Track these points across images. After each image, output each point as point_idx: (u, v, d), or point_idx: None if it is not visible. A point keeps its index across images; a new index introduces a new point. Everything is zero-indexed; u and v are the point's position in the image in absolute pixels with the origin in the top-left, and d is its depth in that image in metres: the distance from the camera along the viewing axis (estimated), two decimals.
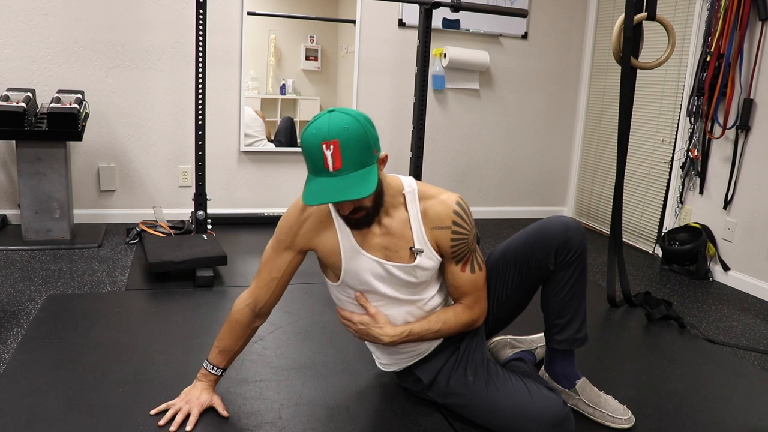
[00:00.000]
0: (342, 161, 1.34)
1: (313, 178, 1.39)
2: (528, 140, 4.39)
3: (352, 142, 1.34)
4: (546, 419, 1.56)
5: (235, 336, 1.65)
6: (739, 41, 3.04)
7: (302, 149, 1.39)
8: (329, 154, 1.33)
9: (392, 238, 1.56)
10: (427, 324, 1.63)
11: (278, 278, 1.62)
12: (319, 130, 1.34)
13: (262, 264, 1.64)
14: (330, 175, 1.36)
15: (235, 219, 3.71)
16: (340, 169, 1.35)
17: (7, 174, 3.41)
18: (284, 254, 1.61)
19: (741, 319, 2.72)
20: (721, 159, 3.26)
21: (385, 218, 1.55)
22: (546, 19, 4.23)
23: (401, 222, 1.56)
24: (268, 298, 1.63)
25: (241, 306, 1.64)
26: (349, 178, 1.35)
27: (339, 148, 1.33)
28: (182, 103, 3.58)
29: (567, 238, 1.62)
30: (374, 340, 1.61)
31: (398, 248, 1.56)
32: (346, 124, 1.35)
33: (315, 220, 1.58)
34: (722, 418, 1.83)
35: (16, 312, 2.27)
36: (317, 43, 3.85)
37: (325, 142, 1.33)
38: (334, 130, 1.33)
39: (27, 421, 1.56)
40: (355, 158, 1.35)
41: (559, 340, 1.71)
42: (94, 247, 3.12)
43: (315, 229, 1.58)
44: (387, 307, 1.62)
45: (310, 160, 1.37)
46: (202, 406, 1.62)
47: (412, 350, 1.70)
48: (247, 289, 1.66)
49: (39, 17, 3.29)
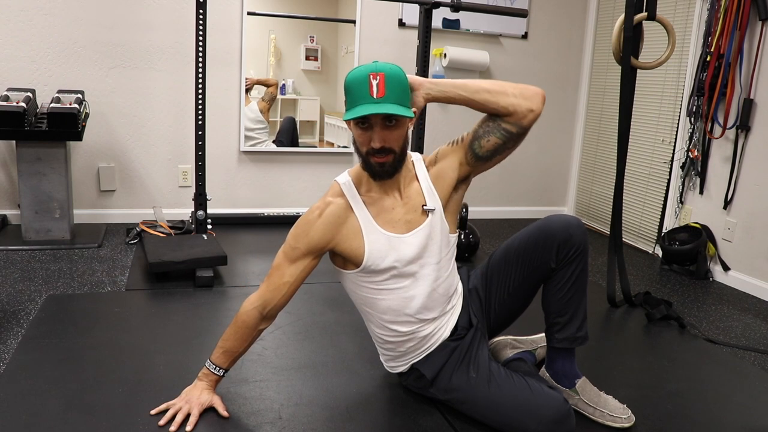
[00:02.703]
0: (386, 91, 1.45)
1: (354, 105, 1.47)
2: (528, 140, 4.30)
3: (396, 79, 1.47)
4: (547, 416, 1.56)
5: (240, 338, 1.65)
6: (739, 41, 3.04)
7: (347, 85, 1.49)
8: (375, 83, 1.45)
9: (409, 203, 1.61)
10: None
11: (290, 283, 1.62)
12: (367, 67, 1.48)
13: (273, 268, 1.63)
14: (373, 101, 1.45)
15: (235, 219, 3.71)
16: (384, 98, 1.45)
17: (7, 174, 3.41)
18: (300, 261, 1.61)
19: (741, 319, 2.71)
20: (721, 159, 3.26)
21: (403, 183, 1.62)
22: (546, 19, 4.23)
23: (416, 188, 1.63)
24: (277, 301, 1.63)
25: (249, 308, 1.63)
26: (390, 105, 1.45)
27: (384, 79, 1.45)
28: (182, 103, 3.58)
29: (569, 235, 1.64)
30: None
31: (415, 210, 1.61)
32: (392, 66, 1.49)
33: (331, 217, 1.59)
34: (722, 418, 1.83)
35: (16, 312, 2.27)
36: (317, 43, 3.85)
37: (372, 73, 1.45)
38: (381, 67, 1.47)
39: (27, 421, 1.56)
40: (397, 93, 1.47)
41: (560, 339, 1.72)
42: (94, 247, 3.12)
43: (334, 225, 1.59)
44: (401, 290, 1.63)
45: (356, 88, 1.47)
46: (202, 406, 1.62)
47: (418, 346, 1.70)
48: (256, 292, 1.65)
49: (39, 17, 3.29)
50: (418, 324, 1.67)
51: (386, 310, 1.66)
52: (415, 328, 1.67)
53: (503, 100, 1.54)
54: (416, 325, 1.67)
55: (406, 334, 1.68)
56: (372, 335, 1.79)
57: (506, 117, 1.56)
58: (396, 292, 1.64)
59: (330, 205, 1.60)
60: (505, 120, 1.56)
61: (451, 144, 1.66)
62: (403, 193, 1.61)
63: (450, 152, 1.65)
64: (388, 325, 1.68)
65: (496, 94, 1.54)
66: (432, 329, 1.69)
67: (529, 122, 1.56)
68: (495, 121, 1.58)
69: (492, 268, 1.78)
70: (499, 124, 1.57)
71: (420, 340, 1.69)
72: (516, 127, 1.56)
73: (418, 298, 1.64)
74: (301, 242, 1.60)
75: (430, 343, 1.70)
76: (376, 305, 1.68)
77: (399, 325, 1.67)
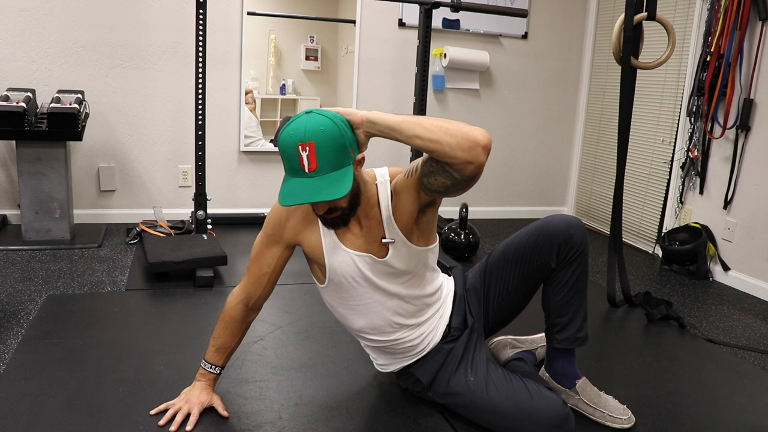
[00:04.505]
0: (318, 162, 1.34)
1: (289, 178, 1.39)
2: (528, 140, 4.38)
3: (327, 143, 1.34)
4: (546, 419, 1.56)
5: (231, 332, 1.66)
6: (739, 41, 3.04)
7: (279, 150, 1.39)
8: (305, 155, 1.34)
9: (370, 232, 1.56)
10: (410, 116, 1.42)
11: (268, 273, 1.64)
12: (296, 131, 1.34)
13: (251, 259, 1.65)
14: (306, 176, 1.36)
15: (235, 219, 3.71)
16: (316, 170, 1.35)
17: (7, 174, 3.41)
18: (273, 249, 1.62)
19: (741, 319, 2.71)
20: (721, 159, 3.26)
21: (363, 215, 1.55)
22: (546, 19, 4.23)
23: (375, 217, 1.55)
24: (260, 292, 1.65)
25: (234, 302, 1.66)
26: (324, 179, 1.35)
27: (315, 149, 1.33)
28: (182, 103, 3.58)
29: (569, 235, 1.64)
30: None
31: (375, 241, 1.56)
32: (323, 126, 1.34)
33: (301, 214, 1.59)
34: (722, 418, 1.83)
35: (16, 312, 2.27)
36: (317, 43, 3.85)
37: (301, 143, 1.34)
38: (310, 131, 1.33)
39: (27, 421, 1.56)
40: (331, 159, 1.35)
41: (560, 339, 1.72)
42: (94, 247, 3.12)
43: (301, 222, 1.59)
44: (373, 305, 1.62)
45: (287, 160, 1.37)
46: (202, 406, 1.62)
47: (409, 350, 1.70)
48: (239, 286, 1.67)
49: (39, 17, 3.29)
50: (392, 332, 1.66)
51: (360, 328, 1.68)
52: (395, 336, 1.67)
53: (438, 150, 1.33)
54: (396, 333, 1.67)
55: (385, 342, 1.68)
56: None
57: (445, 165, 1.37)
58: (367, 307, 1.63)
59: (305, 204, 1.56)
60: (447, 165, 1.37)
61: (407, 175, 1.51)
62: (362, 223, 1.56)
63: (406, 185, 1.51)
64: (366, 335, 1.69)
65: (428, 142, 1.33)
66: (418, 334, 1.68)
67: (470, 173, 1.34)
68: (438, 162, 1.38)
69: (491, 267, 1.77)
70: (443, 167, 1.38)
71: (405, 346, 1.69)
72: (459, 174, 1.36)
73: (387, 311, 1.64)
74: (271, 228, 1.62)
75: (421, 348, 1.70)
76: (348, 325, 1.70)
77: (377, 334, 1.67)
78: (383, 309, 1.63)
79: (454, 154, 1.31)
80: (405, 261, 1.58)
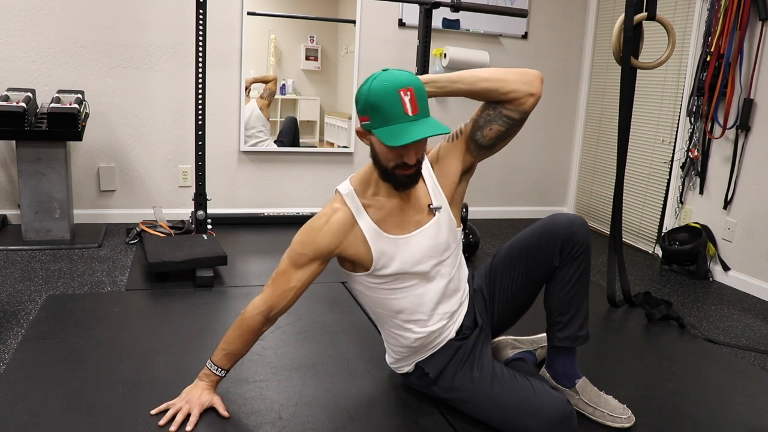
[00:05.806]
0: (418, 106, 1.42)
1: (390, 125, 1.42)
2: (528, 140, 4.38)
3: (422, 90, 1.44)
4: (550, 416, 1.56)
5: (245, 341, 1.64)
6: (739, 41, 3.04)
7: (373, 99, 1.42)
8: (407, 99, 1.41)
9: (417, 205, 1.60)
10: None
11: (296, 288, 1.61)
12: (392, 79, 1.42)
13: (279, 273, 1.61)
14: (410, 119, 1.41)
15: (235, 219, 3.71)
16: (419, 113, 1.42)
17: (7, 174, 3.41)
18: (307, 267, 1.59)
19: (741, 319, 2.71)
20: (721, 159, 3.26)
21: (410, 189, 1.59)
22: (546, 19, 4.23)
23: (421, 187, 1.62)
24: (283, 306, 1.62)
25: (254, 312, 1.62)
26: (426, 121, 1.43)
27: (415, 93, 1.41)
28: (182, 103, 3.58)
29: (572, 233, 1.65)
30: None
31: (423, 212, 1.61)
32: (413, 77, 1.44)
33: (338, 224, 1.57)
34: (722, 418, 1.83)
35: (16, 312, 2.27)
36: (317, 43, 3.85)
37: (402, 89, 1.41)
38: (407, 78, 1.43)
39: (27, 421, 1.56)
40: (425, 105, 1.44)
41: (561, 338, 1.72)
42: (94, 247, 3.12)
43: (340, 231, 1.58)
44: (429, 280, 1.64)
45: (388, 106, 1.41)
46: (202, 406, 1.62)
47: (427, 348, 1.70)
48: (261, 296, 1.63)
49: (39, 17, 3.29)
50: (434, 320, 1.67)
51: (401, 309, 1.66)
52: (431, 325, 1.67)
53: (503, 87, 1.53)
54: (432, 321, 1.67)
55: (421, 332, 1.67)
56: (386, 336, 1.78)
57: (507, 104, 1.55)
58: (408, 291, 1.63)
59: (337, 212, 1.58)
60: (505, 107, 1.55)
61: (451, 139, 1.64)
62: (410, 193, 1.60)
63: (451, 148, 1.64)
64: (404, 324, 1.67)
65: (495, 82, 1.53)
66: (446, 324, 1.69)
67: (530, 106, 1.55)
68: (495, 109, 1.56)
69: (496, 267, 1.78)
70: (500, 112, 1.56)
71: (434, 338, 1.69)
72: (517, 113, 1.55)
73: (431, 294, 1.65)
74: (307, 248, 1.58)
75: (437, 342, 1.70)
76: (389, 306, 1.67)
77: (414, 324, 1.67)
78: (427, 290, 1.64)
79: (519, 87, 1.52)
80: (446, 230, 1.63)
